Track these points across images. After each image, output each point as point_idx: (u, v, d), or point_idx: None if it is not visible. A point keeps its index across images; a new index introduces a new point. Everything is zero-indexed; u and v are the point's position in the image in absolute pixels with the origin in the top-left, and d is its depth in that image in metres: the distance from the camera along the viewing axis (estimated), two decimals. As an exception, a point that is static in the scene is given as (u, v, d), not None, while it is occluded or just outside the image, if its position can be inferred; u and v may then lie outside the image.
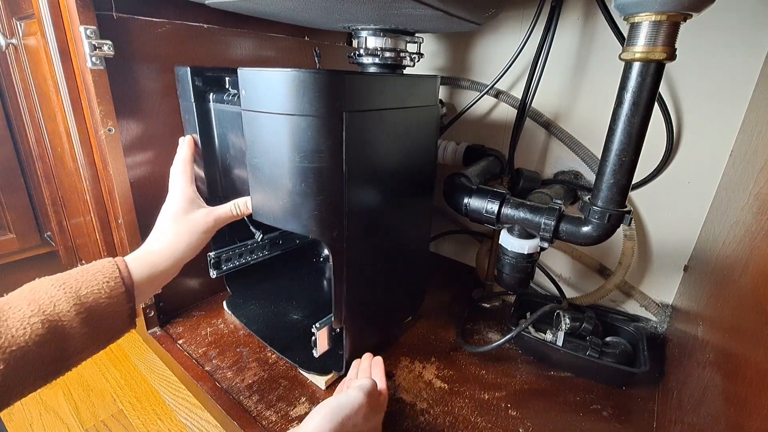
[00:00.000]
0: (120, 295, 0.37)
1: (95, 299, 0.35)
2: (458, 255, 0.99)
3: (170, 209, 0.46)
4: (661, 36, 0.39)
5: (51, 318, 0.32)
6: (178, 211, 0.45)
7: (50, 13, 0.52)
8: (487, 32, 0.79)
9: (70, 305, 0.33)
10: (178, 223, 0.45)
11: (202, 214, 0.46)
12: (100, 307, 0.35)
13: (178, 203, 0.46)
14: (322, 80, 0.40)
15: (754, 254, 0.36)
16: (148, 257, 0.42)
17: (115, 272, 0.37)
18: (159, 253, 0.42)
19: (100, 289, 0.36)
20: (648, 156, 0.65)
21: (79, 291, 0.34)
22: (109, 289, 0.36)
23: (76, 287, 0.35)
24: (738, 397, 0.31)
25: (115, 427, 0.64)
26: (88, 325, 0.34)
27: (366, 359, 0.56)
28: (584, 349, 0.61)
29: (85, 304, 0.34)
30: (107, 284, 0.36)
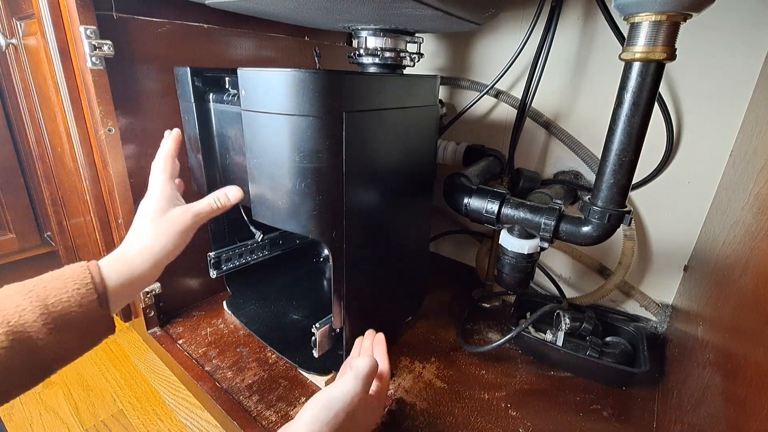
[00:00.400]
0: (92, 303, 0.35)
1: (64, 308, 0.33)
2: (458, 255, 0.99)
3: (148, 208, 0.43)
4: (661, 36, 0.39)
5: (16, 329, 0.31)
6: (156, 210, 0.43)
7: (50, 13, 0.52)
8: (487, 32, 0.79)
9: (36, 315, 0.32)
10: (156, 223, 0.42)
11: (179, 212, 0.44)
12: (70, 317, 0.33)
13: (156, 201, 0.44)
14: (321, 80, 0.40)
15: (754, 254, 0.36)
16: (125, 260, 0.39)
17: (87, 278, 0.35)
18: (137, 255, 0.40)
19: (69, 297, 0.33)
20: (648, 156, 0.65)
21: (46, 300, 0.33)
22: (79, 296, 0.34)
23: (44, 296, 0.33)
24: (738, 397, 0.31)
25: (115, 427, 0.64)
26: (57, 335, 0.33)
27: (368, 337, 0.54)
28: (584, 349, 0.60)
29: (53, 314, 0.32)
30: (78, 291, 0.34)
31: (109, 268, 0.38)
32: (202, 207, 0.46)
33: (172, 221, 0.43)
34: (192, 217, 0.44)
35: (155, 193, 0.44)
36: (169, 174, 0.46)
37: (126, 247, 0.41)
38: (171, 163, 0.47)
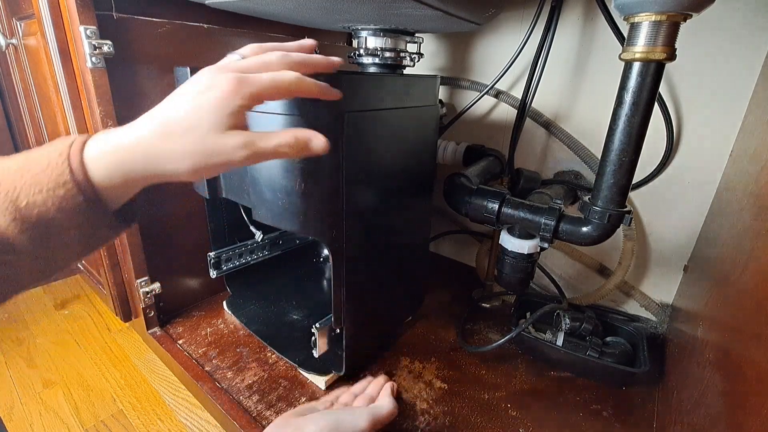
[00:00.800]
0: (78, 206, 0.26)
1: (41, 213, 0.25)
2: (458, 255, 0.99)
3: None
4: (661, 36, 0.39)
5: None
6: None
7: (50, 13, 0.52)
8: (487, 32, 0.79)
9: (8, 221, 0.24)
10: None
11: (235, 135, 0.29)
12: (55, 223, 0.25)
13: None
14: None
15: (754, 254, 0.36)
16: (123, 147, 0.28)
17: (64, 173, 0.25)
18: (145, 141, 0.28)
19: (45, 200, 0.25)
20: (648, 156, 0.65)
21: (17, 201, 0.24)
22: (58, 199, 0.25)
23: (14, 192, 0.24)
24: (738, 397, 0.31)
25: (115, 427, 0.64)
26: (43, 242, 0.25)
27: (377, 383, 0.54)
28: (584, 349, 0.60)
29: (28, 219, 0.25)
30: (54, 192, 0.25)
31: (99, 156, 0.27)
32: (268, 147, 0.30)
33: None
34: (247, 155, 0.29)
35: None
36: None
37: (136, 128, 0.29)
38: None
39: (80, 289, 1.02)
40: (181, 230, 0.69)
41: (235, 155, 0.29)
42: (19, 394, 0.70)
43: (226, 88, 0.28)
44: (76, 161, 0.26)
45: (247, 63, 0.32)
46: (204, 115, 0.28)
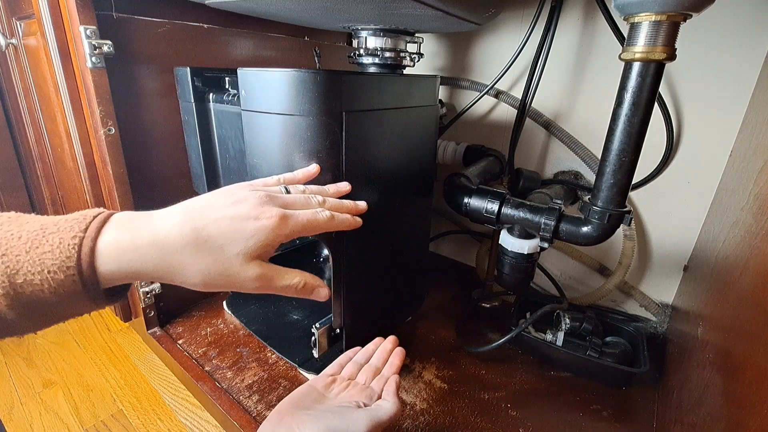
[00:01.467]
0: (73, 294, 0.25)
1: (35, 292, 0.25)
2: (458, 255, 0.99)
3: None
4: (661, 36, 0.39)
5: None
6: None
7: (50, 13, 0.52)
8: (487, 32, 0.79)
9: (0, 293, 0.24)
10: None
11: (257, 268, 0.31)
12: (42, 303, 0.25)
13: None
14: (321, 80, 0.40)
15: (754, 254, 0.36)
16: (142, 246, 0.27)
17: (71, 259, 0.25)
18: (166, 248, 0.28)
19: (42, 281, 0.24)
20: (648, 156, 0.65)
21: (14, 277, 0.24)
22: (56, 284, 0.25)
23: (14, 268, 0.24)
24: (738, 397, 0.31)
25: (115, 427, 0.64)
26: (26, 318, 0.25)
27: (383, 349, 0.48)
28: (584, 349, 0.60)
29: (20, 296, 0.24)
30: (54, 276, 0.25)
31: (110, 248, 0.27)
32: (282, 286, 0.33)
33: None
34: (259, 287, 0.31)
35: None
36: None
37: (153, 220, 0.29)
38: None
39: (80, 289, 1.02)
40: (181, 230, 0.69)
41: (249, 285, 0.30)
42: (19, 394, 0.70)
43: (272, 224, 0.30)
44: (87, 248, 0.26)
45: (293, 199, 0.34)
46: (240, 240, 0.29)
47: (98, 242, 0.26)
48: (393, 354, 0.48)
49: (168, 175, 0.65)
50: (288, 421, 0.37)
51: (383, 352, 0.49)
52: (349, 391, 0.43)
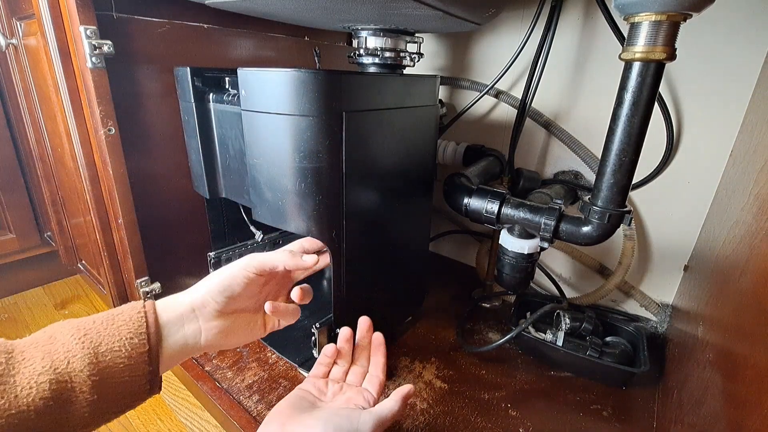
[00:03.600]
0: (142, 355, 0.31)
1: (113, 359, 0.30)
2: (458, 255, 0.99)
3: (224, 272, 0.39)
4: (661, 36, 0.39)
5: (61, 378, 0.28)
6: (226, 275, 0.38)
7: (50, 13, 0.52)
8: (487, 32, 0.79)
9: (85, 364, 0.29)
10: (219, 271, 0.39)
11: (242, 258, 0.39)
12: (116, 369, 0.30)
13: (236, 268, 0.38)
14: (321, 80, 0.40)
15: (754, 254, 0.36)
16: (181, 306, 0.35)
17: (142, 326, 0.32)
18: (194, 300, 0.36)
19: (121, 347, 0.30)
20: (648, 156, 0.65)
21: (98, 347, 0.30)
22: (131, 347, 0.31)
23: (97, 341, 0.30)
24: (738, 397, 0.31)
25: (115, 427, 0.64)
26: (98, 391, 0.29)
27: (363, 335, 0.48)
28: (584, 349, 0.60)
29: (101, 363, 0.29)
30: (130, 341, 0.31)
31: (166, 315, 0.35)
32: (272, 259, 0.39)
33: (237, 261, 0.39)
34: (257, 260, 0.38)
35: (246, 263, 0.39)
36: (270, 264, 0.39)
37: (187, 295, 0.37)
38: (290, 259, 0.40)
39: (80, 289, 1.02)
40: (181, 230, 0.69)
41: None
42: (19, 394, 0.70)
43: None
44: (152, 317, 0.33)
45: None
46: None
47: (156, 312, 0.34)
48: (375, 348, 0.48)
49: (168, 175, 0.65)
50: (292, 427, 0.37)
51: (363, 349, 0.48)
52: (345, 394, 0.43)
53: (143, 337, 0.32)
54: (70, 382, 0.28)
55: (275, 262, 0.39)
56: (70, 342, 0.29)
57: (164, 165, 0.64)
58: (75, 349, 0.29)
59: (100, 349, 0.30)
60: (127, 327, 0.31)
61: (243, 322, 0.40)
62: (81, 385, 0.28)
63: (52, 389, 0.27)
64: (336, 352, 0.47)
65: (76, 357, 0.29)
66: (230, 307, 0.38)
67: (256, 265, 0.38)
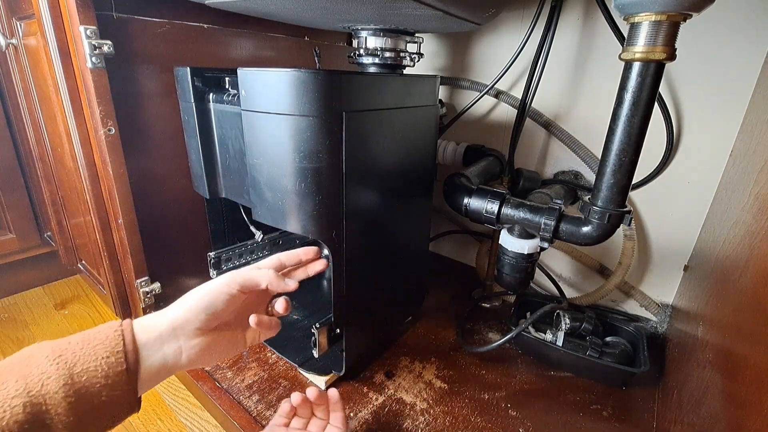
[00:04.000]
0: (119, 374, 0.31)
1: (89, 379, 0.29)
2: (458, 255, 0.99)
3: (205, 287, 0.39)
4: (661, 36, 0.39)
5: (35, 401, 0.27)
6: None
7: (50, 13, 0.52)
8: (487, 32, 0.79)
9: (60, 385, 0.28)
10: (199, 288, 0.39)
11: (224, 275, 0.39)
12: (93, 390, 0.29)
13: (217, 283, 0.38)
14: (321, 80, 0.40)
15: (754, 254, 0.36)
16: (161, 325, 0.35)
17: (119, 345, 0.31)
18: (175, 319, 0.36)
19: (97, 367, 0.30)
20: (648, 156, 0.65)
21: (73, 368, 0.29)
22: (107, 366, 0.30)
23: (72, 362, 0.29)
24: (738, 397, 0.31)
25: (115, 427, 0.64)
26: (75, 412, 0.29)
27: (317, 402, 0.48)
28: (584, 349, 0.60)
29: (77, 384, 0.29)
30: (106, 360, 0.30)
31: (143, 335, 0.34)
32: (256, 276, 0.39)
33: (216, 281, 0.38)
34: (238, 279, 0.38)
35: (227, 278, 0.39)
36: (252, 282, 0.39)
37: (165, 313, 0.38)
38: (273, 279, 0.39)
39: (80, 289, 1.02)
40: (181, 230, 0.69)
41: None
42: (19, 394, 0.70)
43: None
44: (129, 337, 0.33)
45: None
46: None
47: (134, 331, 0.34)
48: (332, 405, 0.49)
49: (168, 175, 0.65)
50: None
51: (321, 405, 0.49)
52: None
53: (120, 356, 0.31)
54: (45, 405, 0.28)
55: (259, 280, 0.39)
56: (45, 364, 0.29)
57: (164, 165, 0.64)
58: (49, 371, 0.29)
59: (75, 370, 0.29)
60: (103, 346, 0.31)
61: (224, 339, 0.39)
62: (56, 407, 0.28)
63: (26, 412, 0.27)
64: (292, 410, 0.48)
65: (50, 379, 0.28)
66: (212, 324, 0.37)
67: (240, 282, 0.38)
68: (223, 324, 0.39)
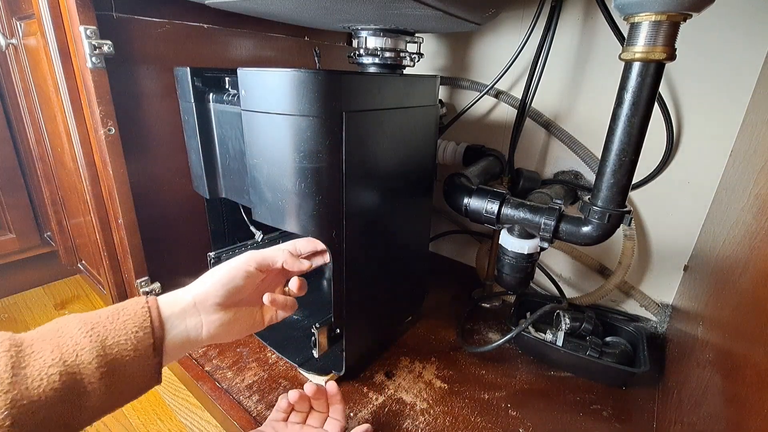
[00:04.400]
0: (147, 348, 0.33)
1: (120, 352, 0.31)
2: (458, 255, 0.99)
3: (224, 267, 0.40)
4: (661, 36, 0.39)
5: (71, 370, 0.29)
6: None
7: (50, 13, 0.52)
8: (487, 32, 0.79)
9: (93, 356, 0.30)
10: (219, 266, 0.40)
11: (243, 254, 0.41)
12: (123, 362, 0.32)
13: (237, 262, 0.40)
14: (321, 80, 0.40)
15: (754, 254, 0.36)
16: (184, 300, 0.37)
17: (146, 320, 0.33)
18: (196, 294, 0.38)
19: (127, 340, 0.32)
20: (648, 156, 0.65)
21: (105, 341, 0.31)
22: (136, 340, 0.32)
23: (104, 335, 0.31)
24: (738, 397, 0.31)
25: (115, 427, 0.64)
26: (107, 382, 0.31)
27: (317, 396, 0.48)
28: (584, 349, 0.60)
29: (109, 356, 0.31)
30: (135, 335, 0.32)
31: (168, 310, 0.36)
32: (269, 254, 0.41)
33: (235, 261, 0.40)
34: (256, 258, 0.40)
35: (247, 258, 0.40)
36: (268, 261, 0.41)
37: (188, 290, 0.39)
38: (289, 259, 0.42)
39: (80, 289, 1.02)
40: (181, 230, 0.69)
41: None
42: (19, 394, 0.70)
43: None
44: (155, 312, 0.34)
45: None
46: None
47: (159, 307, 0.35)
48: (331, 398, 0.49)
49: (168, 175, 0.65)
50: None
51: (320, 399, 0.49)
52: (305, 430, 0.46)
53: (148, 331, 0.33)
54: (80, 374, 0.29)
55: (276, 258, 0.41)
56: (78, 335, 0.30)
57: (164, 165, 0.64)
58: (83, 343, 0.30)
59: (107, 343, 0.31)
60: (132, 321, 0.33)
61: (243, 315, 0.41)
62: (90, 377, 0.30)
63: (62, 381, 0.28)
64: (290, 406, 0.48)
65: (84, 350, 0.30)
66: (231, 299, 0.39)
67: (258, 260, 0.40)
68: (242, 301, 0.40)
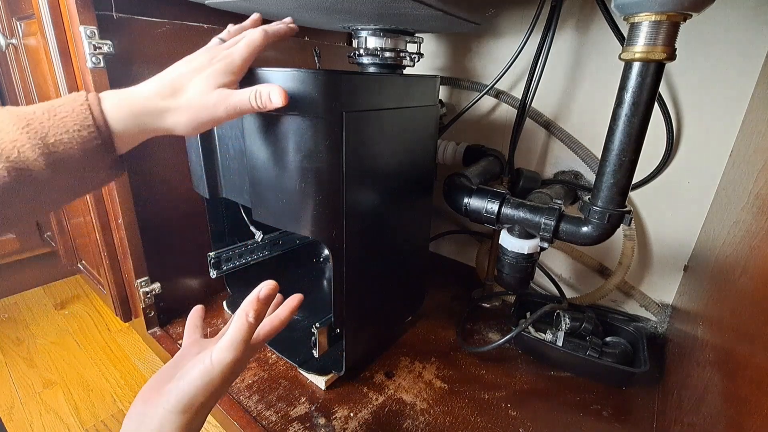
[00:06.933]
0: (96, 148, 0.31)
1: (66, 150, 0.29)
2: (458, 255, 0.99)
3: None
4: (661, 36, 0.39)
5: (17, 165, 0.27)
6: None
7: (50, 13, 0.52)
8: (487, 32, 0.79)
9: (37, 154, 0.28)
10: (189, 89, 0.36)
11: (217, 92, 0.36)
12: (74, 160, 0.30)
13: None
14: (321, 80, 0.40)
15: (754, 254, 0.36)
16: (134, 102, 0.33)
17: (88, 119, 0.30)
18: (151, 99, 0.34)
19: (71, 139, 0.29)
20: (648, 156, 0.65)
21: (46, 138, 0.28)
22: (81, 139, 0.30)
23: (42, 132, 0.28)
24: (738, 397, 0.31)
25: (115, 427, 0.64)
26: (62, 176, 0.30)
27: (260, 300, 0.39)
28: (584, 349, 0.61)
29: (55, 154, 0.29)
30: (79, 134, 0.30)
31: (113, 111, 0.32)
32: (241, 98, 0.36)
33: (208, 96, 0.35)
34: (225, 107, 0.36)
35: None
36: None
37: (140, 89, 0.35)
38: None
39: (80, 289, 1.02)
40: (181, 230, 0.69)
41: (217, 110, 0.35)
42: (19, 394, 0.70)
43: (204, 59, 0.37)
44: (97, 110, 0.31)
45: (232, 41, 0.40)
46: (193, 79, 0.36)
47: (102, 105, 0.32)
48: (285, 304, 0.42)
49: (168, 174, 0.65)
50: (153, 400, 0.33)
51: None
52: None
53: (92, 131, 0.30)
54: (28, 170, 0.28)
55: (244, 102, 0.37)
56: (13, 132, 0.28)
57: (164, 165, 0.64)
58: (21, 139, 0.28)
59: (48, 140, 0.29)
60: (72, 120, 0.30)
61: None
62: (42, 171, 0.28)
63: (12, 175, 0.27)
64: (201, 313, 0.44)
65: (25, 147, 0.28)
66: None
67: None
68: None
